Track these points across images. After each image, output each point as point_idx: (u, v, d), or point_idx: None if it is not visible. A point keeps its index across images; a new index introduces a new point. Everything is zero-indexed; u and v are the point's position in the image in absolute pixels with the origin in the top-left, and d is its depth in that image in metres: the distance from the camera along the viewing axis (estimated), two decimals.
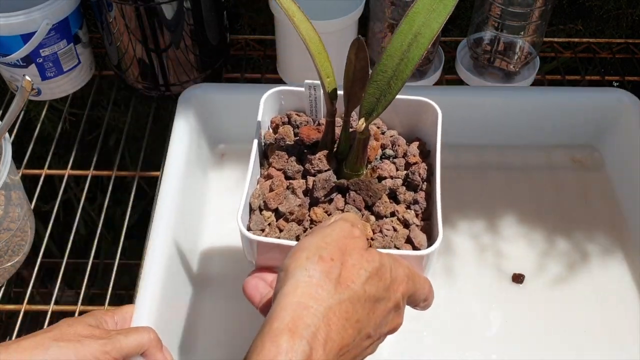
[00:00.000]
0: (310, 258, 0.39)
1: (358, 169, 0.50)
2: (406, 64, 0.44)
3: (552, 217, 0.73)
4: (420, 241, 0.47)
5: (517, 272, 0.67)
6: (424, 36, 0.43)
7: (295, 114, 0.55)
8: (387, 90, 0.45)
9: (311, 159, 0.50)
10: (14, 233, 0.66)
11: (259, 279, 0.47)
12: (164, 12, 0.72)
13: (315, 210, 0.49)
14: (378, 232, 0.48)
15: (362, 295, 0.39)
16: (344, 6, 0.75)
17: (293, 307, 0.37)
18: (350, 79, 0.46)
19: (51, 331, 0.46)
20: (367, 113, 0.46)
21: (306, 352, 0.35)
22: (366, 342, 0.41)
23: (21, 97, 0.58)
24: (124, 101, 1.02)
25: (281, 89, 0.55)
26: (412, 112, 0.54)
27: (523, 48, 0.81)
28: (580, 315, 0.65)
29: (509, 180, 0.76)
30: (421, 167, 0.51)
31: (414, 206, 0.50)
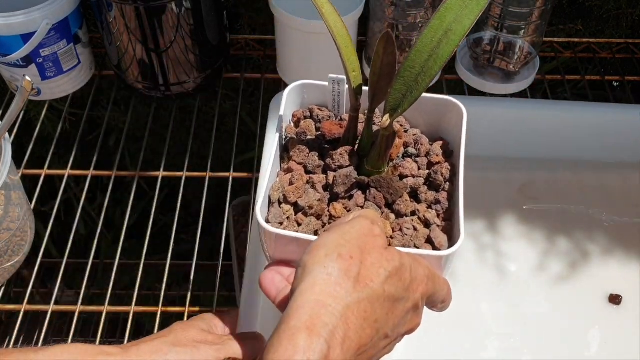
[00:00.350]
0: (329, 255, 0.39)
1: (380, 166, 0.49)
2: (435, 61, 0.43)
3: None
4: (441, 241, 0.47)
5: (613, 292, 0.66)
6: (455, 33, 0.42)
7: (318, 109, 0.55)
8: (414, 87, 0.44)
9: (332, 154, 0.50)
10: (14, 233, 0.66)
11: (275, 272, 0.46)
12: (164, 12, 0.72)
13: (334, 205, 0.48)
14: (398, 231, 0.48)
15: (381, 295, 0.39)
16: (344, 6, 0.75)
17: (311, 305, 0.37)
18: (376, 74, 0.45)
19: (167, 336, 0.47)
20: (392, 109, 0.45)
21: (324, 351, 0.35)
22: (384, 342, 0.40)
23: (21, 97, 0.58)
24: (124, 101, 1.02)
25: (304, 82, 0.55)
26: (437, 111, 0.53)
27: (523, 48, 0.81)
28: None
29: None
30: (444, 166, 0.50)
31: (436, 206, 0.49)
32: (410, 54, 0.44)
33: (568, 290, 0.67)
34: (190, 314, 0.67)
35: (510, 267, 0.69)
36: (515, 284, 0.68)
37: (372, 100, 0.48)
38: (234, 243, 1.05)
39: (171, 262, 0.71)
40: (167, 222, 1.16)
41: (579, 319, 0.65)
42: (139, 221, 1.10)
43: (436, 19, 0.43)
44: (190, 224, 1.20)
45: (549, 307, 0.66)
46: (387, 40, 0.43)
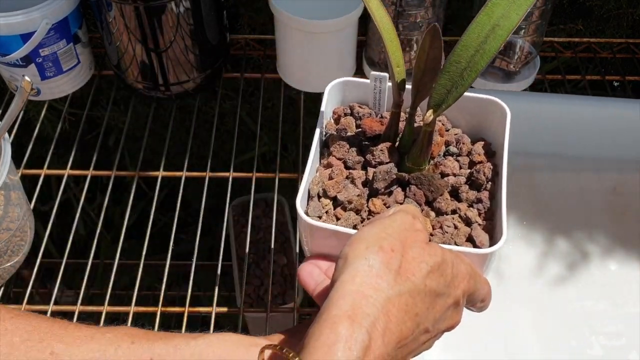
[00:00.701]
0: (370, 248, 0.39)
1: (420, 163, 0.49)
2: (481, 56, 0.43)
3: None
4: (482, 240, 0.46)
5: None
6: (503, 28, 0.42)
7: (358, 106, 0.55)
8: (459, 82, 0.43)
9: (373, 150, 0.50)
10: (13, 233, 0.66)
11: (314, 265, 0.47)
12: (164, 12, 0.72)
13: (374, 201, 0.48)
14: (438, 228, 0.47)
15: (422, 289, 0.39)
16: (344, 6, 0.75)
17: (352, 295, 0.36)
18: (421, 69, 0.45)
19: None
20: (436, 105, 0.44)
21: (365, 341, 0.35)
22: (424, 336, 0.40)
23: (20, 97, 0.58)
24: (124, 101, 1.02)
25: (346, 80, 0.55)
26: (479, 111, 0.53)
27: (523, 48, 0.81)
28: None
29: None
30: (486, 166, 0.50)
31: (477, 205, 0.49)
32: (457, 49, 0.43)
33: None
34: (190, 314, 0.67)
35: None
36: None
37: (416, 96, 0.47)
38: (234, 243, 1.05)
39: (171, 262, 0.70)
40: (167, 222, 1.16)
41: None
42: (138, 221, 1.10)
43: (484, 14, 0.42)
44: (190, 224, 1.20)
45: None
46: (433, 34, 0.42)
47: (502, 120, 0.51)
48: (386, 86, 0.53)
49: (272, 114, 1.02)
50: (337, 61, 0.80)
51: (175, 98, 0.82)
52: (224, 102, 1.00)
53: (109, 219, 1.16)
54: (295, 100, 1.00)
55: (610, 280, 0.68)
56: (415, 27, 0.76)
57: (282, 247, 1.06)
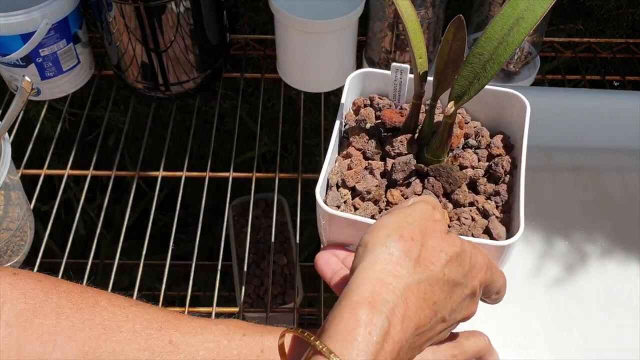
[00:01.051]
0: (390, 236, 0.39)
1: (440, 154, 0.49)
2: (505, 48, 0.43)
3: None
4: (499, 232, 0.46)
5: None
6: (527, 21, 0.42)
7: (378, 97, 0.55)
8: (481, 74, 0.44)
9: (392, 141, 0.49)
10: (13, 233, 0.66)
11: (331, 254, 0.47)
12: (164, 11, 0.72)
13: (392, 192, 0.48)
14: (455, 220, 0.47)
15: (440, 278, 0.39)
16: (344, 6, 0.75)
17: (372, 282, 0.37)
18: (444, 60, 0.45)
19: None
20: (457, 96, 0.45)
21: (385, 327, 0.36)
22: (441, 325, 0.41)
23: (20, 97, 0.58)
24: (124, 101, 1.02)
25: (366, 70, 0.55)
26: (498, 104, 0.53)
27: (523, 48, 0.81)
28: None
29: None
30: (505, 159, 0.50)
31: (495, 198, 0.49)
32: (480, 41, 0.43)
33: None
34: (190, 314, 0.67)
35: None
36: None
37: (437, 88, 0.47)
38: (234, 243, 1.05)
39: (171, 262, 0.70)
40: (167, 222, 1.16)
41: None
42: (138, 221, 1.10)
43: (508, 6, 0.43)
44: (190, 224, 1.20)
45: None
46: (458, 25, 0.42)
47: (521, 113, 0.51)
48: (407, 78, 0.52)
49: (272, 114, 1.02)
50: (337, 61, 0.80)
51: (175, 98, 0.82)
52: (224, 102, 1.00)
53: (109, 219, 1.16)
54: (295, 100, 1.00)
55: (609, 281, 0.68)
56: None
57: (282, 247, 1.06)
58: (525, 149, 0.49)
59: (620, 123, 0.78)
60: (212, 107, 1.01)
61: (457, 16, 0.42)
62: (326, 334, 0.36)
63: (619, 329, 0.64)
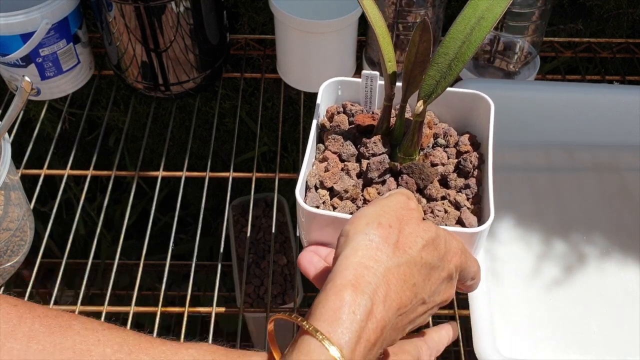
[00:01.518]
0: (370, 224, 0.42)
1: (411, 153, 0.51)
2: (468, 47, 0.45)
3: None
4: (471, 222, 0.49)
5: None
6: (487, 20, 0.45)
7: (350, 104, 0.57)
8: (447, 72, 0.46)
9: (366, 142, 0.52)
10: (13, 233, 0.66)
11: (313, 253, 0.49)
12: (164, 11, 0.72)
13: (368, 190, 0.51)
14: (429, 213, 0.50)
15: (418, 261, 0.41)
16: (344, 6, 0.75)
17: (355, 266, 0.39)
18: (411, 62, 0.47)
19: None
20: (426, 95, 0.47)
21: (368, 306, 0.38)
22: (421, 307, 0.43)
23: (20, 98, 0.58)
24: (124, 101, 1.02)
25: (339, 79, 0.57)
26: (464, 105, 0.55)
27: (523, 48, 0.81)
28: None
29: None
30: (473, 155, 0.53)
31: (465, 191, 0.52)
32: (444, 41, 0.46)
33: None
34: (190, 314, 0.67)
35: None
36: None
37: (406, 90, 0.50)
38: (234, 243, 1.05)
39: (171, 262, 0.70)
40: (167, 222, 1.16)
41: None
42: (138, 221, 1.10)
43: (469, 7, 0.45)
44: (190, 224, 1.20)
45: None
46: (423, 28, 0.45)
47: (486, 112, 0.54)
48: (377, 84, 0.55)
49: (272, 114, 1.02)
50: (337, 61, 0.80)
51: (175, 98, 0.82)
52: (224, 102, 1.00)
53: (109, 218, 1.16)
54: (295, 100, 1.00)
55: (607, 281, 0.68)
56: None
57: (282, 247, 1.06)
58: (492, 145, 0.52)
59: (620, 120, 0.78)
60: (212, 107, 1.02)
61: (422, 19, 0.45)
62: (313, 315, 0.38)
63: (619, 328, 0.64)
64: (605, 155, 0.79)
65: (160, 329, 0.64)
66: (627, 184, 0.77)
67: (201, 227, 0.73)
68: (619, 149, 0.79)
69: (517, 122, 0.79)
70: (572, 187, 0.76)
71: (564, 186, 0.76)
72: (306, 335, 0.37)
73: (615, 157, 0.79)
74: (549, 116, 0.78)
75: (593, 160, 0.79)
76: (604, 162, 0.79)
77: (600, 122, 0.78)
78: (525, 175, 0.77)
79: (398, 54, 0.79)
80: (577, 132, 0.79)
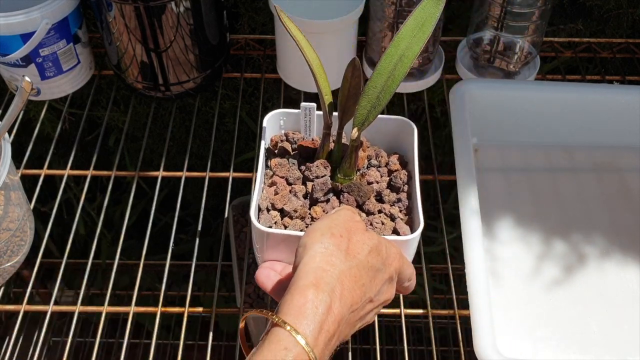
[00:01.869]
0: (324, 235, 0.48)
1: (350, 174, 0.58)
2: (393, 80, 0.52)
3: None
4: (405, 231, 0.57)
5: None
6: (408, 57, 0.52)
7: (292, 133, 0.65)
8: (377, 103, 0.53)
9: (310, 166, 0.59)
10: (13, 233, 0.66)
11: (269, 269, 0.56)
12: (164, 11, 0.72)
13: (315, 209, 0.58)
14: (369, 226, 0.57)
15: (365, 265, 0.48)
16: (344, 6, 0.75)
17: (314, 270, 0.46)
18: (345, 95, 0.53)
19: None
20: (359, 123, 0.54)
21: (327, 302, 0.44)
22: (369, 305, 0.49)
23: (20, 98, 0.58)
24: (124, 101, 1.02)
25: (281, 111, 0.64)
26: (392, 130, 0.63)
27: (523, 48, 0.81)
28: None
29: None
30: (402, 173, 0.60)
31: (398, 204, 0.59)
32: (373, 76, 0.53)
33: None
34: (190, 314, 0.67)
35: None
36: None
37: (342, 118, 0.56)
38: (234, 243, 1.05)
39: (171, 262, 0.70)
40: (167, 222, 1.16)
41: None
42: (138, 221, 1.10)
43: (392, 47, 0.52)
44: (190, 224, 1.20)
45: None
46: (353, 67, 0.51)
47: (410, 135, 0.62)
48: (314, 115, 0.62)
49: None
50: (337, 61, 0.80)
51: (175, 98, 0.82)
52: (224, 102, 1.01)
53: (109, 219, 1.16)
54: (295, 100, 1.00)
55: (607, 281, 0.68)
56: None
57: None
58: (417, 163, 0.59)
59: (619, 120, 0.78)
60: (212, 107, 1.02)
61: (352, 59, 0.51)
62: (281, 311, 0.44)
63: (619, 329, 0.64)
64: (605, 155, 0.79)
65: (160, 329, 0.64)
66: (626, 184, 0.77)
67: (201, 227, 0.73)
68: (618, 149, 0.79)
69: (517, 122, 0.79)
70: (572, 187, 0.76)
71: (564, 186, 0.76)
72: (276, 327, 0.43)
73: (615, 158, 0.79)
74: (549, 116, 0.78)
75: (593, 160, 0.79)
76: (604, 162, 0.79)
77: (600, 122, 0.79)
78: (525, 175, 0.77)
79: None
80: (577, 132, 0.80)
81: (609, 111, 0.78)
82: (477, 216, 0.65)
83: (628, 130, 0.79)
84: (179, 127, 1.06)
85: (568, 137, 0.80)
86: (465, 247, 0.63)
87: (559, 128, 0.79)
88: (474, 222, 0.64)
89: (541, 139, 0.80)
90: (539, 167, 0.78)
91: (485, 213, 0.72)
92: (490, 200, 0.74)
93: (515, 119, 0.78)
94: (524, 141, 0.80)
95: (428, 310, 0.67)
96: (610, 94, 0.78)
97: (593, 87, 0.80)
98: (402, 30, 0.52)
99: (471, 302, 0.60)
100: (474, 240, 0.63)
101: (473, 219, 0.64)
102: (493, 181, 0.76)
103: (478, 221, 0.64)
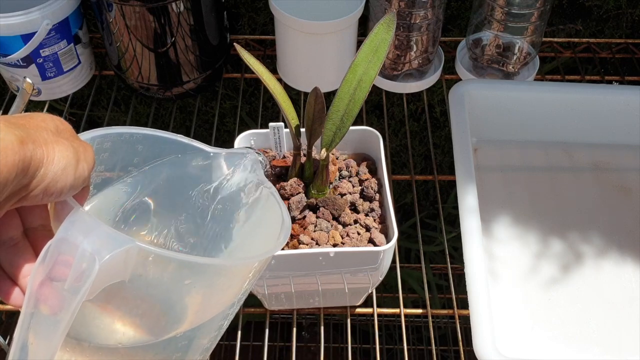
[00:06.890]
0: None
1: (323, 189, 0.60)
2: (354, 104, 0.55)
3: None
4: (381, 240, 0.58)
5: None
6: (365, 81, 0.55)
7: (263, 151, 0.66)
8: (341, 125, 0.56)
9: (284, 185, 0.60)
10: None
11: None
12: (165, 12, 0.72)
13: (293, 226, 0.58)
14: (346, 237, 0.58)
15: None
16: (344, 6, 0.75)
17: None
18: (311, 119, 0.56)
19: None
20: (327, 144, 0.57)
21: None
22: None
23: (22, 99, 0.58)
24: (124, 101, 1.02)
25: (251, 132, 0.65)
26: (360, 138, 0.65)
27: (522, 48, 0.81)
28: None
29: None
30: (372, 181, 0.62)
31: (371, 213, 0.60)
32: (334, 102, 0.56)
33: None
34: None
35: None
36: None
37: (310, 139, 0.58)
38: None
39: None
40: None
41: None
42: None
43: (350, 73, 0.55)
44: None
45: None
46: (316, 95, 0.53)
47: (377, 143, 0.63)
48: (283, 132, 0.64)
49: (272, 114, 1.02)
50: (337, 62, 0.80)
51: (175, 98, 0.83)
52: (224, 102, 1.01)
53: None
54: (295, 101, 1.00)
55: (607, 281, 0.68)
56: (415, 28, 0.76)
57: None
58: (385, 171, 0.61)
59: (619, 120, 0.78)
60: (212, 108, 1.02)
61: (314, 88, 0.53)
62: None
63: (618, 328, 0.65)
64: (604, 155, 0.80)
65: None
66: (625, 183, 0.77)
67: None
68: (617, 149, 0.80)
69: (517, 122, 0.79)
70: (571, 186, 0.77)
71: (563, 186, 0.77)
72: None
73: (614, 157, 0.79)
74: (549, 116, 0.79)
75: (592, 159, 0.79)
76: (603, 161, 0.79)
77: (600, 122, 0.79)
78: (524, 174, 0.78)
79: (398, 54, 0.80)
80: (576, 132, 0.80)
81: (608, 111, 0.78)
82: (477, 215, 0.65)
83: (627, 130, 0.79)
84: (179, 127, 1.06)
85: (567, 137, 0.80)
86: (465, 246, 0.63)
87: (558, 128, 0.79)
88: (473, 221, 0.64)
89: (540, 139, 0.80)
90: (538, 166, 0.79)
91: (484, 212, 0.72)
92: (490, 199, 0.74)
93: (515, 119, 0.79)
94: (523, 141, 0.80)
95: (428, 310, 0.67)
96: (610, 94, 0.78)
97: (592, 87, 0.80)
98: (358, 56, 0.55)
99: (471, 301, 0.60)
100: (473, 239, 0.63)
101: (472, 219, 0.65)
102: (492, 181, 0.76)
103: (477, 220, 0.65)
